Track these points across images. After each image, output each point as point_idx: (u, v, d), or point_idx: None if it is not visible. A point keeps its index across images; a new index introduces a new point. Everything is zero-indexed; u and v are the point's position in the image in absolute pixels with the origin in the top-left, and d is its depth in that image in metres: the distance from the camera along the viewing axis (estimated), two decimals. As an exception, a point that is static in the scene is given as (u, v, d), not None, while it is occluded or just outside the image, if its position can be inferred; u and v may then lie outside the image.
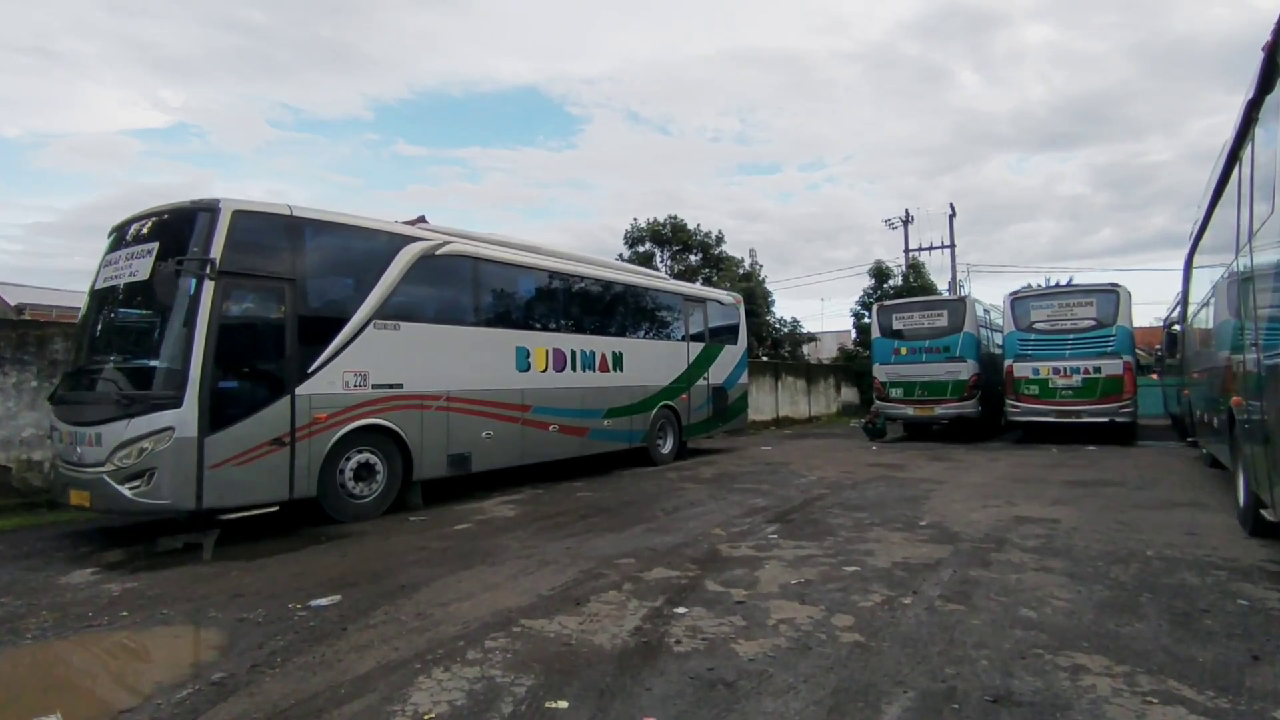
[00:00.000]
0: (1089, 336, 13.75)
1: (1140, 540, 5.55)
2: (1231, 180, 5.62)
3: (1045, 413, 13.93)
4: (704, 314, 12.93)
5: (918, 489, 8.47)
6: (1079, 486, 8.38)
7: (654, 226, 27.43)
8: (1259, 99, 4.26)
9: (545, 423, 9.18)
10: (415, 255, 7.66)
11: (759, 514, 7.01)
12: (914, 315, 15.78)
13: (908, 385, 15.38)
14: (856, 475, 9.82)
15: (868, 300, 27.39)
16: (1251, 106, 4.40)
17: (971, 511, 6.92)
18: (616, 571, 4.93)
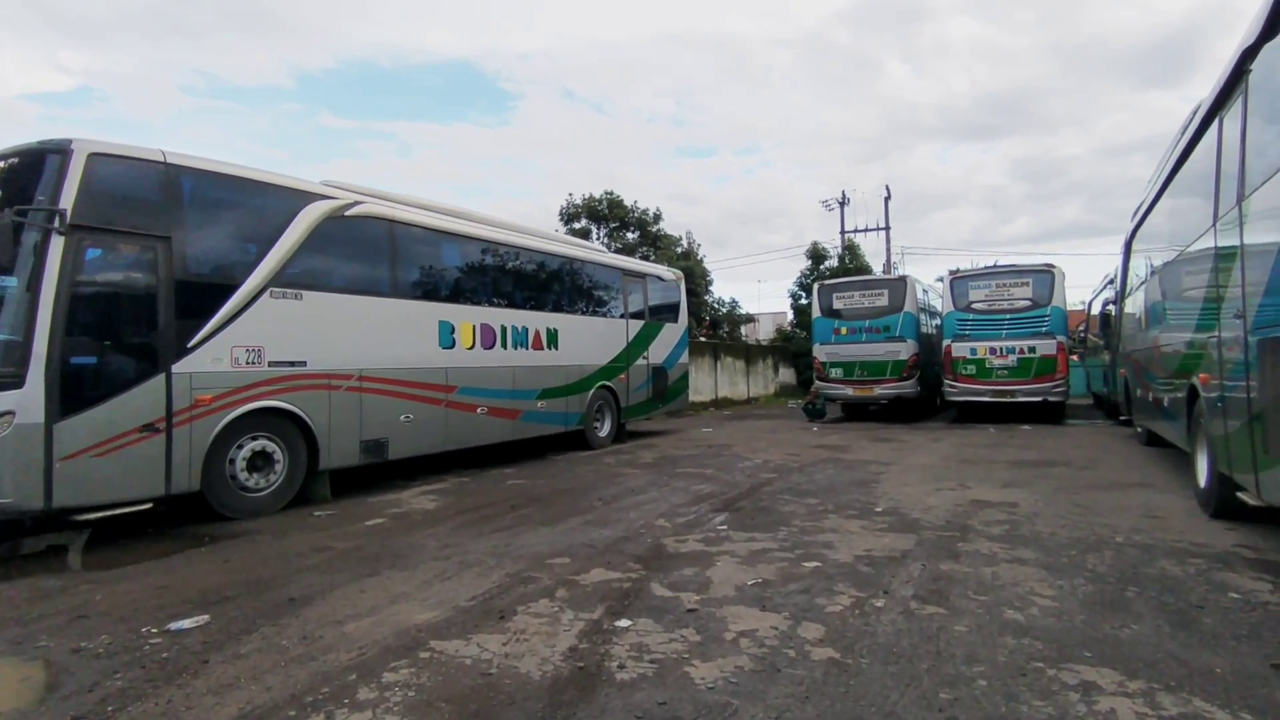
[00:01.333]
0: (1025, 317, 13.79)
1: (1104, 525, 5.26)
2: (1200, 150, 5.33)
3: (982, 392, 13.95)
4: (644, 290, 12.33)
5: (867, 471, 8.12)
6: (1026, 467, 8.19)
7: (590, 203, 26.62)
8: (1257, 47, 3.89)
9: (472, 404, 8.42)
10: (320, 216, 6.75)
11: (705, 502, 6.49)
12: (854, 295, 15.58)
13: (848, 365, 15.19)
14: (802, 457, 9.44)
15: (805, 281, 27.34)
16: (1246, 57, 4.04)
17: (926, 495, 6.57)
18: (549, 574, 4.29)
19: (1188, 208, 5.88)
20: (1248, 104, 4.07)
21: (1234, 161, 4.36)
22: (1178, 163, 6.09)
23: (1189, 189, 5.86)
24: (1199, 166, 5.40)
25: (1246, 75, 4.10)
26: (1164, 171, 6.82)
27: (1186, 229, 5.84)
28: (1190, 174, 5.77)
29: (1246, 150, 4.07)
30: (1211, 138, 4.89)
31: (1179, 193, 6.23)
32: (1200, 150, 5.32)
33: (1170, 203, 6.57)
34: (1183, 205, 6.08)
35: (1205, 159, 5.12)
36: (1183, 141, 5.88)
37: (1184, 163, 5.93)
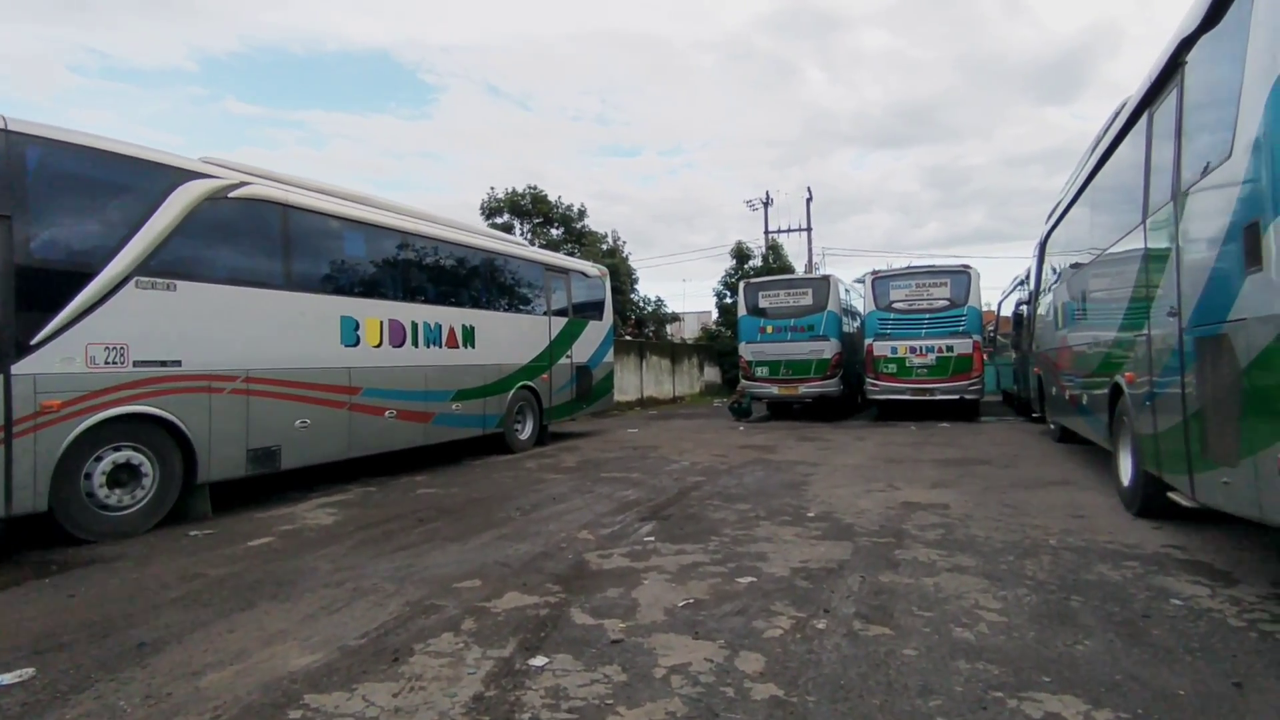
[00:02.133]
0: (943, 316, 14.07)
1: (1035, 526, 5.17)
2: (1126, 148, 5.31)
3: (902, 390, 14.16)
4: (567, 286, 11.85)
5: (796, 473, 7.93)
6: (951, 466, 8.19)
7: (513, 197, 25.87)
8: (1194, 38, 3.80)
9: (379, 407, 7.75)
10: (198, 196, 5.99)
11: (631, 510, 6.10)
12: (779, 294, 15.56)
13: (773, 364, 15.14)
14: (730, 459, 9.19)
15: (730, 280, 27.42)
16: (1182, 49, 3.95)
17: (857, 498, 6.39)
18: (455, 601, 3.80)
19: (1111, 206, 5.89)
20: (1184, 97, 3.99)
21: (1167, 157, 4.30)
22: (1100, 161, 6.11)
23: (1113, 188, 5.88)
24: (1125, 164, 5.39)
25: (1182, 68, 4.02)
26: (1083, 172, 6.88)
27: (1110, 228, 5.85)
28: (1115, 172, 5.77)
29: (1182, 145, 3.99)
30: (1140, 134, 4.85)
31: (1101, 192, 6.26)
32: (1127, 148, 5.30)
33: (1091, 202, 6.61)
34: (1106, 204, 6.11)
35: (1133, 156, 5.09)
36: (1106, 140, 5.89)
37: (1107, 161, 5.95)
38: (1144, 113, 4.79)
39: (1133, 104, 5.01)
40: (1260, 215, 2.96)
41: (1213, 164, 3.49)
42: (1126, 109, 5.25)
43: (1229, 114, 3.28)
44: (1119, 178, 5.64)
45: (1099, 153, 6.16)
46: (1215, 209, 3.46)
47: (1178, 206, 4.00)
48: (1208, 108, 3.74)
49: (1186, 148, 3.94)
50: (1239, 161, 3.15)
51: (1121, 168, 5.53)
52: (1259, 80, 2.96)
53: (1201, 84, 3.83)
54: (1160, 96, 4.42)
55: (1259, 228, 2.96)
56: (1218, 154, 3.43)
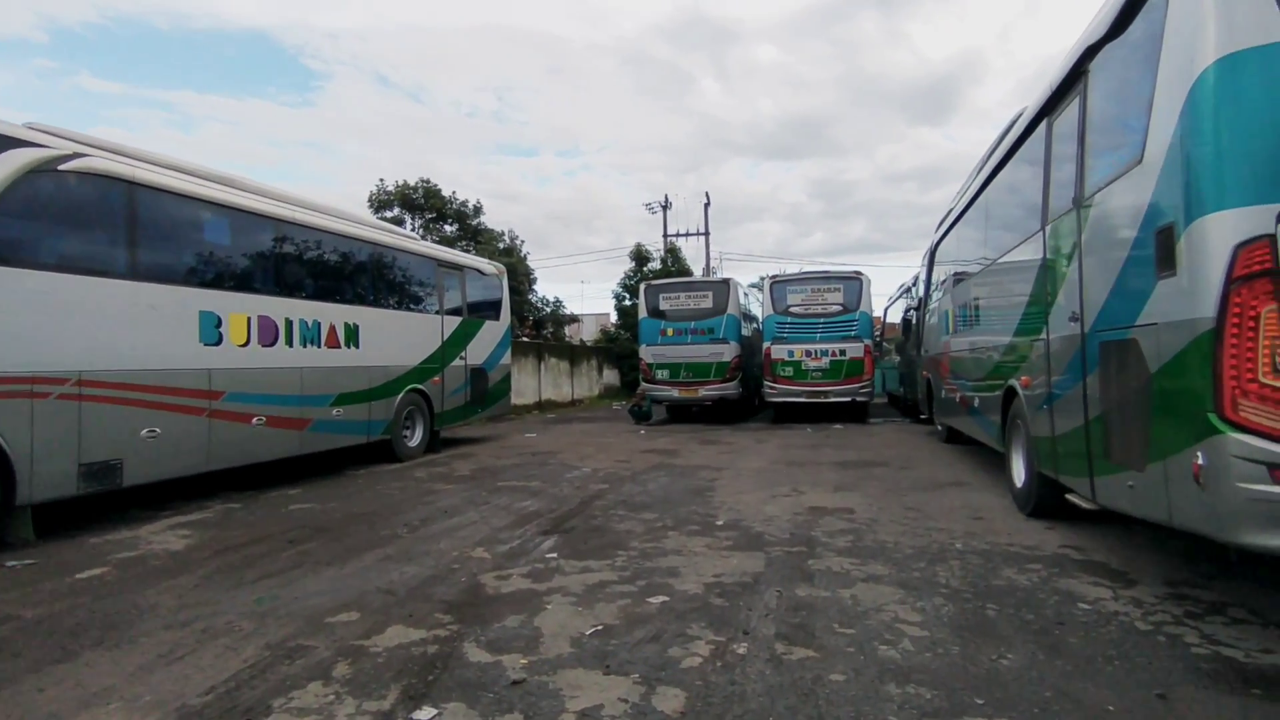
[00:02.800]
0: (836, 321, 14.44)
1: (939, 530, 5.18)
2: (1024, 155, 5.44)
3: (798, 393, 14.41)
4: (462, 284, 11.23)
5: (700, 478, 7.75)
6: (850, 468, 8.26)
7: (404, 190, 24.70)
8: (1099, 45, 3.85)
9: (246, 414, 6.94)
10: (19, 168, 5.09)
11: (531, 523, 5.69)
12: (680, 296, 15.52)
13: (673, 367, 15.07)
14: (633, 464, 8.92)
15: (629, 282, 27.32)
16: (1087, 56, 4.00)
17: (764, 504, 6.26)
18: (327, 640, 3.29)
19: (1007, 214, 6.05)
20: (1087, 104, 4.05)
21: (1068, 164, 4.37)
22: (995, 170, 6.28)
23: (1009, 196, 6.03)
24: (1023, 172, 5.52)
25: (1085, 76, 4.07)
26: (977, 181, 7.08)
27: (1006, 235, 6.00)
28: (1011, 180, 5.93)
29: (1086, 151, 4.04)
30: (1039, 142, 4.95)
31: (997, 200, 6.44)
32: (1024, 156, 5.43)
33: (986, 210, 6.80)
34: (1001, 212, 6.28)
35: (1031, 164, 5.20)
36: (1002, 149, 6.04)
37: (1002, 170, 6.10)
38: (1042, 121, 4.89)
39: (1031, 113, 5.12)
40: (1174, 220, 2.95)
41: (1120, 169, 3.51)
42: (1024, 118, 5.37)
43: (1139, 120, 3.29)
44: (1016, 186, 5.79)
45: (994, 162, 6.33)
46: (1123, 214, 3.49)
47: (1081, 213, 4.05)
48: (1114, 114, 3.79)
49: (1090, 154, 4.00)
50: (1151, 166, 3.16)
51: (1019, 176, 5.67)
52: (1174, 86, 2.96)
53: (1106, 91, 3.89)
54: (1061, 105, 4.50)
55: (1173, 232, 2.96)
56: (1126, 159, 3.45)
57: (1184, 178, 2.89)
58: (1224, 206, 2.72)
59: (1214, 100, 2.76)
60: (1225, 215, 2.72)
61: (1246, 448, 2.64)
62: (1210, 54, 2.77)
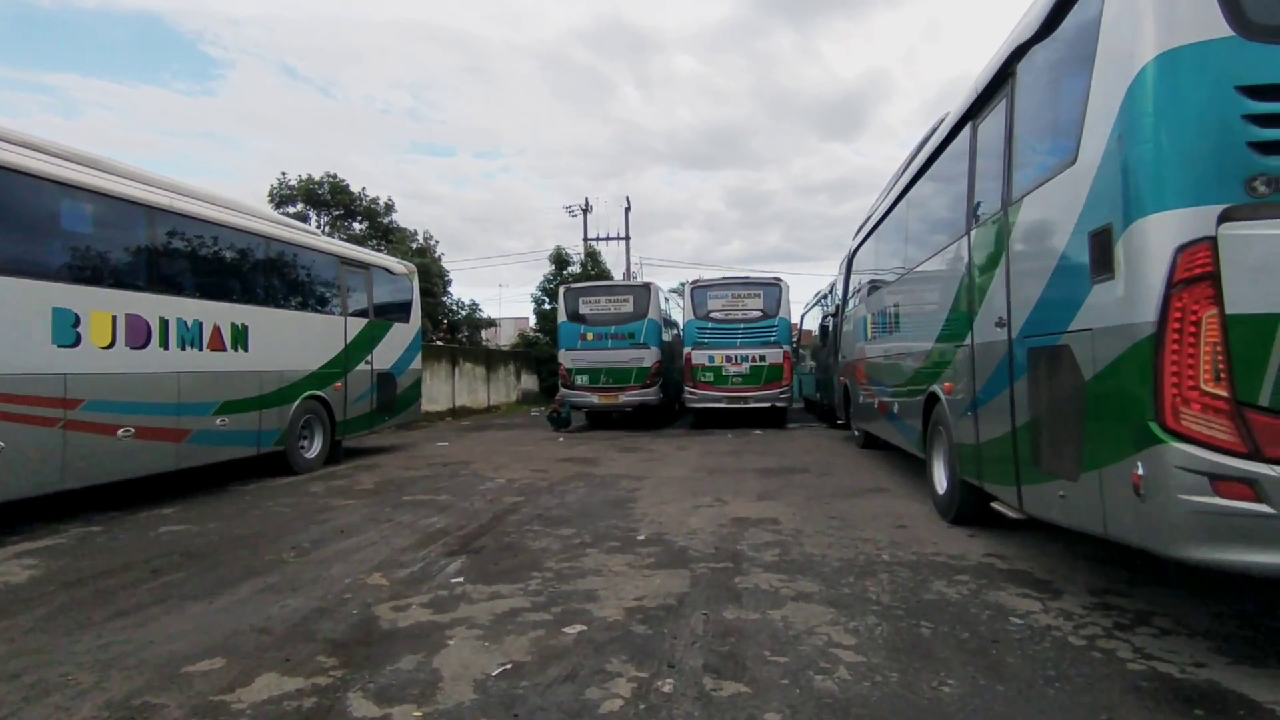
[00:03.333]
0: (756, 326, 14.47)
1: (865, 540, 5.05)
2: (947, 160, 5.41)
3: (719, 398, 14.35)
4: (368, 284, 10.54)
5: (620, 489, 7.44)
6: (772, 475, 8.14)
7: (308, 185, 23.41)
8: (1028, 47, 3.78)
9: (110, 424, 6.15)
10: None
11: (437, 542, 5.23)
12: (600, 300, 15.21)
13: (593, 372, 14.74)
14: (550, 474, 8.52)
15: (548, 286, 26.81)
16: (1014, 58, 3.94)
17: (687, 515, 6.01)
18: (182, 696, 2.77)
19: (930, 219, 6.04)
20: (1014, 107, 3.99)
21: (994, 167, 4.31)
22: (916, 176, 6.26)
23: (931, 201, 6.02)
24: (945, 177, 5.49)
25: (1012, 78, 4.01)
26: (897, 187, 7.09)
27: (928, 240, 5.98)
28: (934, 185, 5.91)
29: (1013, 154, 3.98)
30: (963, 146, 4.91)
31: (918, 205, 6.43)
32: (947, 161, 5.40)
33: (907, 216, 6.80)
34: (923, 217, 6.27)
35: (954, 169, 5.17)
36: (923, 155, 6.03)
37: (924, 175, 6.09)
38: (966, 125, 4.85)
39: (954, 118, 5.08)
40: (1111, 221, 2.86)
41: (1052, 171, 3.43)
42: (946, 123, 5.35)
43: (1072, 121, 3.21)
44: (938, 191, 5.77)
45: (915, 168, 6.32)
46: (1054, 217, 3.41)
47: (1008, 216, 3.98)
48: (1043, 116, 3.73)
49: (1018, 157, 3.93)
50: (1086, 167, 3.06)
51: (941, 181, 5.65)
52: (1111, 84, 2.87)
53: (1035, 93, 3.83)
54: (986, 108, 4.45)
55: (1110, 235, 2.86)
56: (1058, 161, 3.37)
57: (1122, 178, 2.79)
58: (1164, 208, 2.63)
59: (1153, 99, 2.66)
60: (1165, 217, 2.62)
61: (1188, 458, 2.54)
62: (1149, 50, 2.68)
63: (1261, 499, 2.45)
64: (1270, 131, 2.51)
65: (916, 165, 6.26)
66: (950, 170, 5.31)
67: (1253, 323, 2.51)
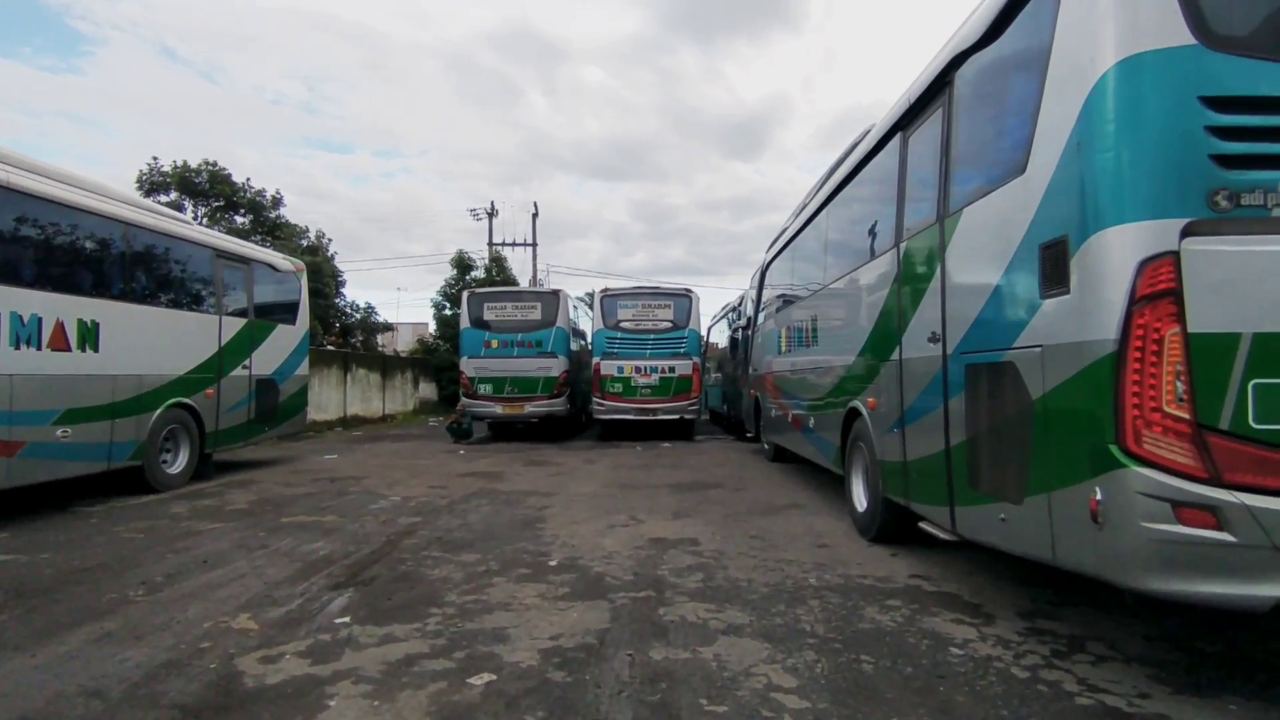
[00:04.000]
0: (666, 337, 14.32)
1: (789, 562, 4.83)
2: (874, 172, 5.32)
3: (627, 410, 14.08)
4: (249, 280, 9.57)
5: (529, 507, 6.97)
6: (686, 491, 7.89)
7: (183, 172, 21.50)
8: (968, 54, 3.68)
9: (-88, 436, 5.12)
10: None
11: (319, 573, 4.61)
12: (507, 306, 14.64)
13: (498, 381, 14.13)
14: (451, 491, 7.92)
15: (450, 291, 25.79)
16: (953, 65, 3.84)
17: (601, 536, 5.63)
18: (-39, 798, 2.14)
19: (853, 231, 5.96)
20: (952, 116, 3.89)
21: (927, 178, 4.21)
22: (839, 186, 6.18)
23: (855, 212, 5.95)
24: (872, 188, 5.41)
25: (950, 86, 3.91)
26: (818, 197, 7.03)
27: (851, 253, 5.90)
28: (858, 197, 5.84)
29: (950, 164, 3.87)
30: (892, 158, 4.82)
31: (841, 216, 6.36)
32: (875, 171, 5.31)
33: (827, 227, 6.73)
34: (846, 229, 6.19)
35: (882, 180, 5.08)
36: (848, 165, 5.95)
37: (847, 186, 6.00)
38: (895, 136, 4.76)
39: (883, 128, 4.99)
40: (1066, 234, 2.73)
41: (996, 182, 3.31)
42: (874, 134, 5.26)
43: (1020, 130, 3.09)
44: (863, 203, 5.69)
45: (837, 179, 6.24)
46: (999, 229, 3.28)
47: (944, 229, 3.87)
48: (986, 125, 3.63)
49: (956, 167, 3.83)
50: (1037, 177, 2.94)
51: (867, 192, 5.57)
52: (1067, 91, 2.75)
53: (976, 101, 3.73)
54: (920, 118, 4.35)
55: (1065, 247, 2.73)
56: (1003, 171, 3.25)
57: (1080, 189, 2.66)
58: (1125, 220, 2.51)
59: (1114, 106, 2.55)
60: (1127, 230, 2.50)
61: (1150, 483, 2.41)
62: (1110, 56, 2.56)
63: (1224, 527, 2.34)
64: (1232, 144, 2.44)
65: (839, 178, 6.19)
66: (877, 182, 5.23)
67: (1213, 342, 2.41)
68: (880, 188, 5.14)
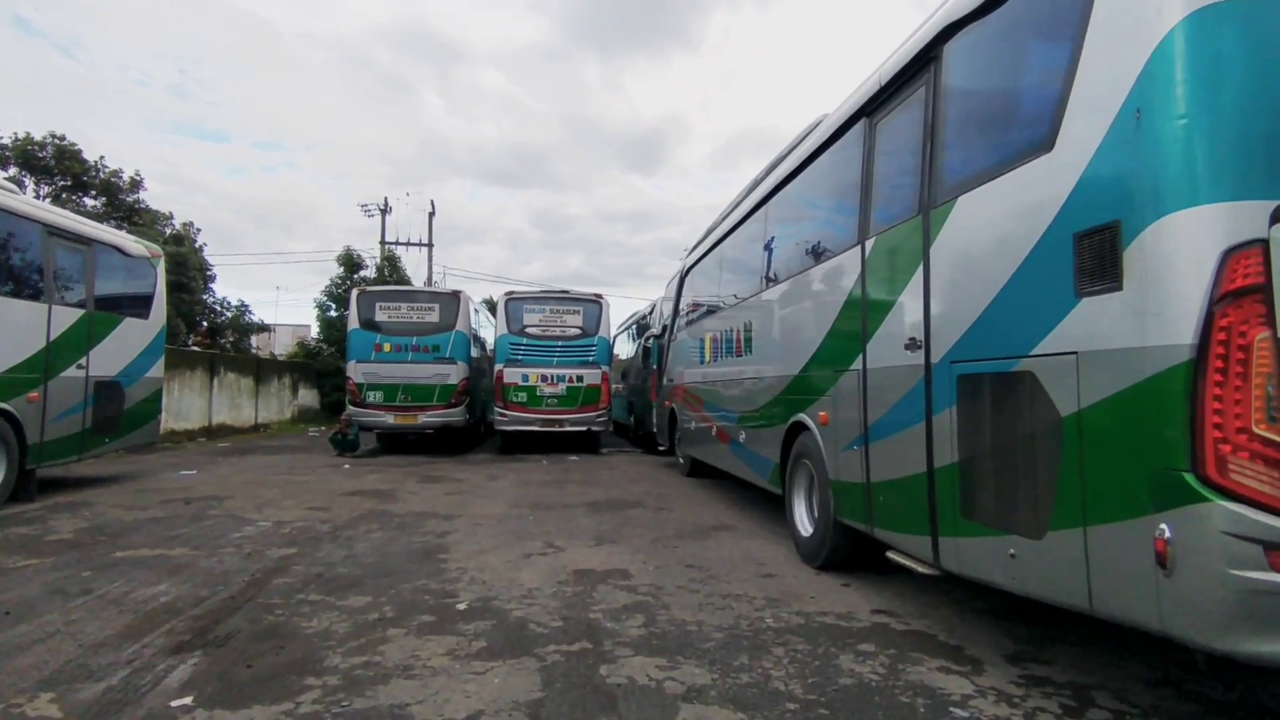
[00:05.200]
0: (575, 345, 13.61)
1: (737, 597, 4.26)
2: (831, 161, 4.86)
3: (532, 421, 13.25)
4: (89, 264, 8.11)
5: (427, 532, 6.07)
6: (605, 511, 7.21)
7: (25, 145, 18.83)
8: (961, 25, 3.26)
9: None
10: None
11: (157, 629, 3.60)
12: (401, 307, 13.47)
13: (389, 388, 12.94)
14: (335, 514, 6.87)
15: (336, 291, 23.91)
16: (941, 38, 3.41)
17: (516, 569, 4.86)
18: None
19: (797, 230, 5.52)
20: (938, 95, 3.46)
21: (902, 168, 3.78)
22: (783, 182, 5.71)
23: (802, 210, 5.51)
24: (828, 180, 4.98)
25: (936, 62, 3.49)
26: (753, 196, 6.57)
27: (796, 253, 5.45)
28: (806, 192, 5.39)
29: (936, 150, 3.43)
30: (855, 145, 4.37)
31: (783, 215, 5.91)
32: (830, 163, 4.87)
33: (765, 227, 6.27)
34: (788, 228, 5.75)
35: (840, 172, 4.65)
36: (794, 159, 5.48)
37: (793, 182, 5.55)
38: (858, 122, 4.31)
39: (842, 115, 4.54)
40: (1118, 218, 2.29)
41: (1006, 163, 2.87)
42: (829, 123, 4.81)
43: (1044, 101, 2.67)
44: (815, 198, 5.25)
45: (781, 174, 5.77)
46: (1011, 216, 2.84)
47: (929, 221, 3.42)
48: (989, 99, 3.22)
49: (946, 151, 3.39)
50: (1070, 154, 2.51)
51: (821, 187, 5.14)
52: (1123, 47, 2.32)
53: (974, 74, 3.31)
54: (894, 100, 3.92)
55: (1115, 234, 2.29)
56: (1018, 150, 2.81)
57: (1138, 165, 2.23)
58: (1202, 201, 2.09)
59: (1189, 64, 2.13)
60: (1204, 213, 2.08)
61: (1238, 520, 1.98)
62: (1179, 7, 2.14)
63: (1328, 575, 1.93)
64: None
65: (784, 172, 5.73)
66: (834, 176, 4.79)
67: (1309, 349, 2.01)
68: (838, 181, 4.71)
